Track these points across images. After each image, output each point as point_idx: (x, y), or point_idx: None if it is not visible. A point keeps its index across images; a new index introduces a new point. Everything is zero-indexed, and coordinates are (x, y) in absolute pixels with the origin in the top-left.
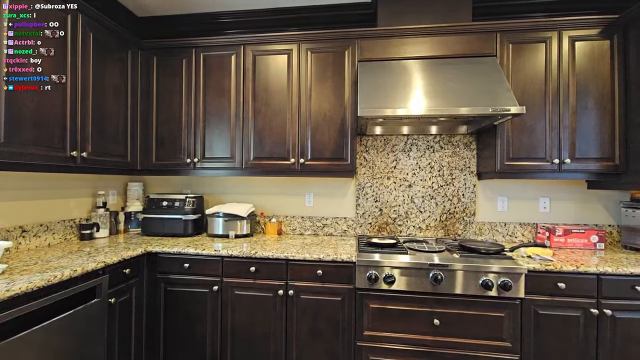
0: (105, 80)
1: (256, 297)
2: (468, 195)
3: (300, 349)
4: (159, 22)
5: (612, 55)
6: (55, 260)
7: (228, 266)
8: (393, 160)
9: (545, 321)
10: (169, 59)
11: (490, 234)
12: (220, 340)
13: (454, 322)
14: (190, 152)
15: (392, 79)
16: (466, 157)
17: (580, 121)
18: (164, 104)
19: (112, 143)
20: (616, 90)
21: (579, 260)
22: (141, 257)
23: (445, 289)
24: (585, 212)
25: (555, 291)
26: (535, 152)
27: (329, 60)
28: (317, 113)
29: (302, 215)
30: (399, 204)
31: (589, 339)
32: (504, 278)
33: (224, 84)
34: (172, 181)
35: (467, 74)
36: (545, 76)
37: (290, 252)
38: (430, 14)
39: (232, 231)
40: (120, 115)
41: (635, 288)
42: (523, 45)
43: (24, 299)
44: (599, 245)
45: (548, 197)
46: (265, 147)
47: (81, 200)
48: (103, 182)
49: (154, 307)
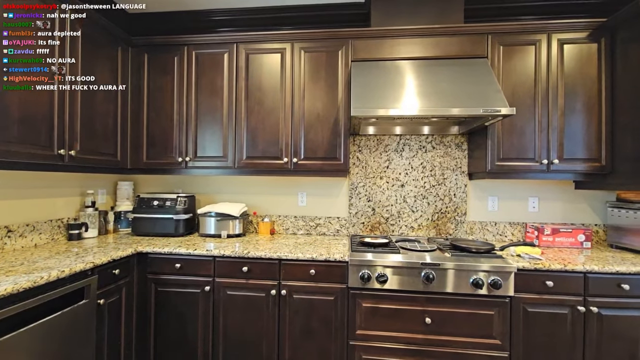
0: (94, 77)
1: (249, 297)
2: (459, 195)
3: (293, 349)
4: (150, 18)
5: (600, 58)
6: (42, 261)
7: (220, 266)
8: (386, 160)
9: (534, 319)
10: (161, 56)
11: (481, 233)
12: (212, 341)
13: (446, 321)
14: (182, 151)
15: (385, 79)
16: (458, 157)
17: (568, 122)
18: (155, 102)
19: (102, 141)
20: (603, 93)
21: (567, 259)
22: (131, 258)
23: (436, 288)
24: (573, 211)
25: (543, 289)
26: (525, 153)
27: (323, 60)
28: (311, 112)
29: (295, 215)
30: (392, 204)
31: (576, 336)
32: (494, 277)
33: (217, 83)
34: (164, 180)
35: (459, 75)
36: (535, 78)
37: (283, 251)
38: (423, 15)
39: (224, 231)
40: (110, 113)
41: (620, 286)
42: (513, 47)
43: (10, 301)
44: (585, 244)
45: (537, 197)
46: (258, 146)
47: (69, 200)
48: (92, 181)
49: (145, 308)
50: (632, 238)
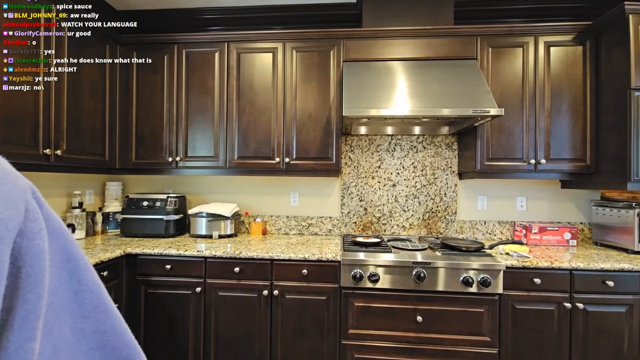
0: (81, 75)
1: (240, 298)
2: (450, 194)
3: (286, 349)
4: (139, 16)
5: (585, 60)
6: None
7: (211, 267)
8: (377, 160)
9: (522, 315)
10: (150, 55)
11: (470, 232)
12: (204, 342)
13: (436, 319)
14: (172, 150)
15: (377, 79)
16: (448, 157)
17: (554, 123)
18: (144, 101)
19: (89, 141)
20: (588, 94)
21: (553, 257)
22: (120, 259)
23: (427, 286)
24: (559, 210)
25: (531, 286)
26: (513, 153)
27: (315, 60)
28: (303, 112)
29: (287, 215)
30: (383, 203)
31: (563, 332)
32: (483, 275)
33: (208, 82)
34: (154, 181)
35: (449, 76)
36: (523, 80)
37: (275, 251)
38: (414, 16)
39: (215, 231)
40: (98, 112)
41: (605, 282)
42: (502, 49)
43: None
44: (571, 242)
45: (525, 196)
46: (250, 146)
47: (55, 201)
48: (79, 181)
49: (134, 310)
50: (616, 236)
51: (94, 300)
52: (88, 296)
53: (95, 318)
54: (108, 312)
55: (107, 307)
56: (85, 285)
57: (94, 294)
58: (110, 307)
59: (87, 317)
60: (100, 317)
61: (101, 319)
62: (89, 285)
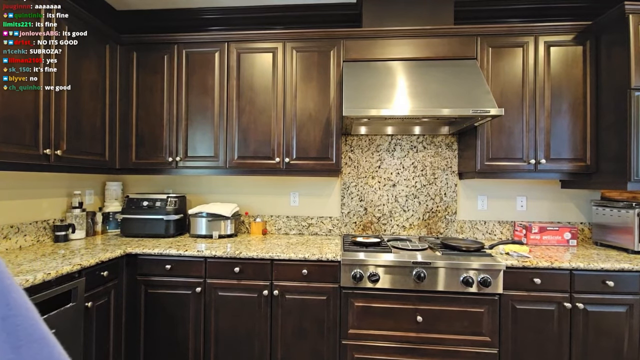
0: (81, 75)
1: (240, 298)
2: (450, 194)
3: (286, 349)
4: (139, 16)
5: (585, 60)
6: (27, 263)
7: (211, 267)
8: (377, 160)
9: (522, 315)
10: (150, 55)
11: (470, 232)
12: (204, 342)
13: (436, 319)
14: (172, 150)
15: (377, 79)
16: (448, 157)
17: (554, 123)
18: (144, 101)
19: (89, 141)
20: (588, 94)
21: (553, 257)
22: (120, 259)
23: (427, 286)
24: (559, 210)
25: (531, 286)
26: (513, 153)
27: (315, 60)
28: (303, 112)
29: (287, 215)
30: (384, 203)
31: (563, 332)
32: (483, 275)
33: (208, 82)
34: (154, 181)
35: (449, 76)
36: (523, 80)
37: (275, 251)
38: (414, 16)
39: (215, 231)
40: (98, 112)
41: (605, 282)
42: (502, 49)
43: None
44: (571, 242)
45: (525, 196)
46: (250, 146)
47: (55, 201)
48: (79, 181)
49: (134, 310)
50: (616, 236)
51: (28, 327)
52: (20, 322)
53: (29, 347)
54: (44, 339)
55: (42, 334)
56: (15, 309)
57: (27, 320)
58: (46, 333)
59: (19, 347)
60: (34, 345)
61: (36, 348)
62: (20, 310)
